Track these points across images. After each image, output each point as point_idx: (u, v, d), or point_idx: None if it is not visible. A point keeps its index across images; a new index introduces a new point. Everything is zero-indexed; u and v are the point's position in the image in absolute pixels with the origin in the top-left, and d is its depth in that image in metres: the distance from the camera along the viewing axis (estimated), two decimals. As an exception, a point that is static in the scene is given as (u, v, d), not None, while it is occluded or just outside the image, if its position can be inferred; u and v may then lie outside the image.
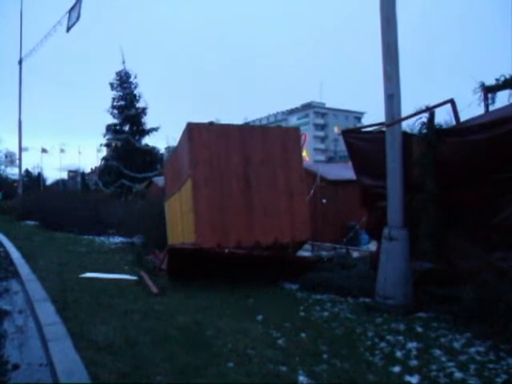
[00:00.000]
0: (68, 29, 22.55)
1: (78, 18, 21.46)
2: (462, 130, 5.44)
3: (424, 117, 5.71)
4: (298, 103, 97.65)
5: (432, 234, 5.35)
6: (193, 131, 7.99)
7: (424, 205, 5.38)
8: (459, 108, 5.80)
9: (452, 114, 5.85)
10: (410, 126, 6.44)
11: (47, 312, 5.54)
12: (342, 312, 5.61)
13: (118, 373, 3.58)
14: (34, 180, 71.27)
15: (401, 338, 4.50)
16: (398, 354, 4.08)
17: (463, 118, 5.81)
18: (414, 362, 3.86)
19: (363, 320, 5.18)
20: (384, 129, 5.97)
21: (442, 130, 5.59)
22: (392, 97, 5.83)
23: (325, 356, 4.05)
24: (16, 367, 4.10)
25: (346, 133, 6.87)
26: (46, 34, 28.05)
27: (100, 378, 3.48)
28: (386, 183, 5.84)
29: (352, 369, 3.75)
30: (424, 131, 5.68)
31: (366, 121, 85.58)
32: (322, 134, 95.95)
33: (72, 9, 21.84)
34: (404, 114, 5.89)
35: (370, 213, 6.95)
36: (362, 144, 6.49)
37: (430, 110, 5.63)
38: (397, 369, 3.73)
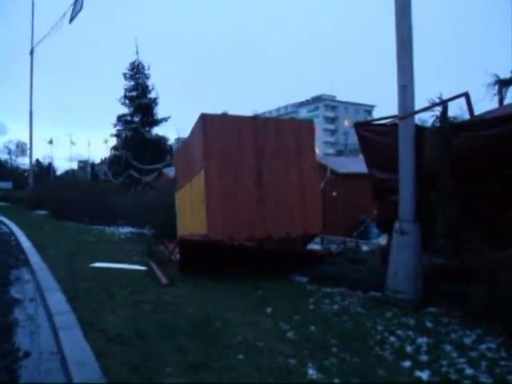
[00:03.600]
0: (71, 19, 22.48)
1: (80, 8, 21.40)
2: (477, 124, 5.35)
3: (437, 110, 5.63)
4: (308, 96, 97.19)
5: (446, 229, 5.29)
6: (206, 122, 7.96)
7: (438, 199, 5.31)
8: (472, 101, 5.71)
9: (465, 108, 5.76)
10: (422, 118, 6.38)
11: (57, 301, 5.59)
12: (351, 306, 5.60)
13: (127, 364, 3.59)
14: (44, 170, 71.71)
15: (411, 332, 4.48)
16: (408, 348, 4.06)
17: (476, 112, 5.73)
18: (424, 357, 3.84)
19: (373, 314, 5.15)
20: (397, 122, 5.91)
21: (455, 123, 5.50)
22: (405, 89, 5.77)
23: (334, 350, 4.03)
24: (27, 355, 4.12)
25: (358, 125, 6.80)
26: (53, 26, 28.00)
27: (110, 368, 3.50)
28: (397, 177, 5.80)
29: (362, 363, 3.74)
30: (437, 124, 5.60)
31: (376, 114, 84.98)
32: (332, 127, 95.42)
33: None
34: (417, 106, 5.83)
35: (381, 206, 6.90)
36: (375, 137, 6.43)
37: (444, 104, 5.55)
38: (407, 363, 3.71)
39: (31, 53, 33.75)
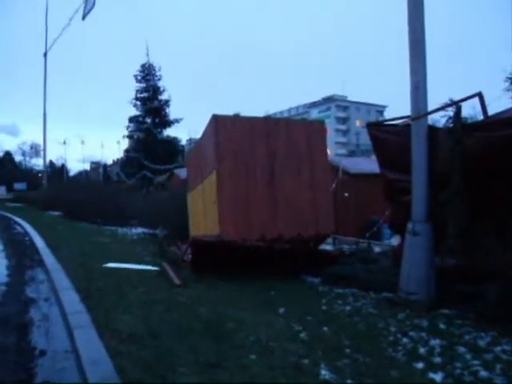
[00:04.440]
0: (83, 16, 22.66)
1: (93, 5, 21.55)
2: (490, 124, 5.31)
3: (450, 110, 5.59)
4: (319, 96, 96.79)
5: (459, 230, 5.25)
6: (218, 123, 7.99)
7: (450, 200, 5.28)
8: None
9: (478, 108, 5.71)
10: (433, 118, 6.35)
11: (72, 301, 5.66)
12: (364, 306, 5.59)
13: (141, 363, 3.62)
14: (57, 171, 72.48)
15: (424, 334, 4.45)
16: (421, 350, 4.04)
17: (489, 112, 5.67)
18: (437, 359, 3.81)
19: (385, 315, 5.14)
20: (409, 122, 5.89)
21: (469, 124, 5.47)
22: (418, 89, 5.75)
23: (347, 350, 4.03)
24: (42, 353, 4.19)
25: (370, 126, 6.78)
26: (65, 25, 28.34)
27: (124, 367, 3.53)
28: (410, 177, 5.77)
29: (374, 364, 3.73)
30: (450, 125, 5.56)
31: (388, 114, 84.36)
32: (343, 127, 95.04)
33: None
34: (430, 106, 5.80)
35: (393, 207, 6.87)
36: (387, 137, 6.40)
37: (457, 104, 5.51)
38: (420, 365, 3.69)
39: (45, 55, 34.17)
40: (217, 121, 8.02)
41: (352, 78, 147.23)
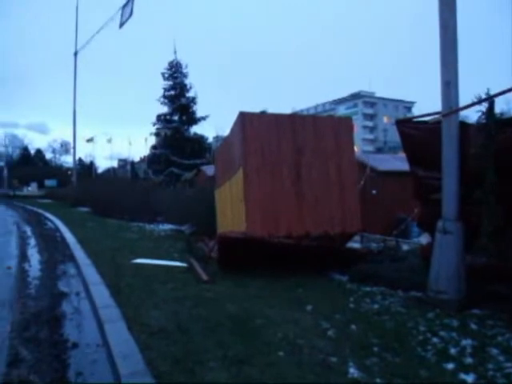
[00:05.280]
0: (121, 25, 22.89)
1: (130, 14, 21.83)
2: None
3: (483, 106, 5.45)
4: (346, 93, 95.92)
5: (492, 228, 5.13)
6: (245, 120, 8.02)
7: (484, 198, 5.16)
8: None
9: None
10: (462, 114, 6.19)
11: (102, 295, 5.80)
12: (392, 305, 5.52)
13: (171, 358, 3.69)
14: (86, 168, 73.97)
15: (454, 334, 4.38)
16: (452, 350, 3.97)
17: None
18: (468, 360, 3.74)
19: (414, 314, 5.07)
20: (440, 118, 5.78)
21: (503, 119, 5.33)
22: (449, 84, 5.62)
23: (375, 349, 4.00)
24: (75, 345, 4.32)
25: (400, 122, 6.67)
26: (99, 29, 28.81)
27: (153, 361, 3.60)
28: (441, 175, 5.67)
29: (403, 363, 3.69)
30: (483, 121, 5.43)
31: (416, 110, 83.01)
32: (370, 124, 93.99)
33: (125, 5, 22.22)
34: (461, 102, 5.67)
35: (423, 205, 6.76)
36: (417, 134, 6.29)
37: (490, 99, 5.37)
38: (451, 366, 3.63)
39: (75, 54, 34.81)
40: (243, 118, 8.05)
41: (379, 73, 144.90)
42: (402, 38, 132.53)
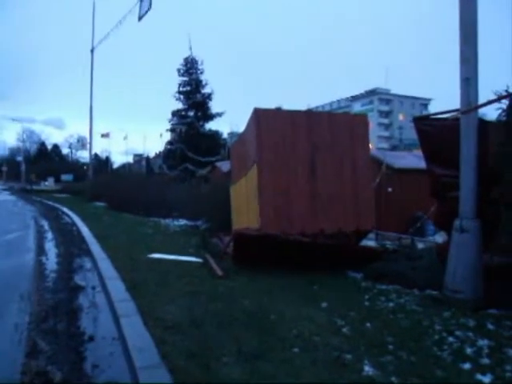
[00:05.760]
0: (140, 18, 23.02)
1: (149, 7, 21.94)
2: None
3: (503, 103, 5.37)
4: (362, 89, 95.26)
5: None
6: (260, 116, 8.02)
7: (503, 196, 5.09)
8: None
9: None
10: (480, 112, 6.10)
11: (118, 289, 5.84)
12: (407, 303, 5.49)
13: (185, 351, 3.71)
14: (102, 163, 74.67)
15: (471, 334, 4.32)
16: (468, 350, 3.92)
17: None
18: (485, 360, 3.69)
19: (430, 313, 5.02)
20: (459, 116, 5.70)
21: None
22: (468, 81, 5.54)
23: (390, 347, 3.98)
24: (91, 339, 4.37)
25: (417, 120, 6.60)
26: (117, 23, 28.94)
27: (168, 354, 3.63)
28: (458, 173, 5.60)
29: (419, 362, 3.66)
30: (503, 118, 5.35)
31: (432, 107, 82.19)
32: (386, 121, 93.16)
33: None
34: (480, 99, 5.58)
35: (440, 203, 6.68)
36: (435, 131, 6.22)
37: (511, 96, 5.29)
38: (467, 366, 3.59)
39: (92, 51, 35.06)
40: (258, 114, 8.05)
41: (395, 70, 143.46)
42: (419, 34, 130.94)
